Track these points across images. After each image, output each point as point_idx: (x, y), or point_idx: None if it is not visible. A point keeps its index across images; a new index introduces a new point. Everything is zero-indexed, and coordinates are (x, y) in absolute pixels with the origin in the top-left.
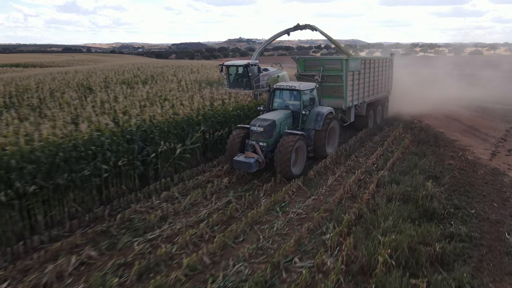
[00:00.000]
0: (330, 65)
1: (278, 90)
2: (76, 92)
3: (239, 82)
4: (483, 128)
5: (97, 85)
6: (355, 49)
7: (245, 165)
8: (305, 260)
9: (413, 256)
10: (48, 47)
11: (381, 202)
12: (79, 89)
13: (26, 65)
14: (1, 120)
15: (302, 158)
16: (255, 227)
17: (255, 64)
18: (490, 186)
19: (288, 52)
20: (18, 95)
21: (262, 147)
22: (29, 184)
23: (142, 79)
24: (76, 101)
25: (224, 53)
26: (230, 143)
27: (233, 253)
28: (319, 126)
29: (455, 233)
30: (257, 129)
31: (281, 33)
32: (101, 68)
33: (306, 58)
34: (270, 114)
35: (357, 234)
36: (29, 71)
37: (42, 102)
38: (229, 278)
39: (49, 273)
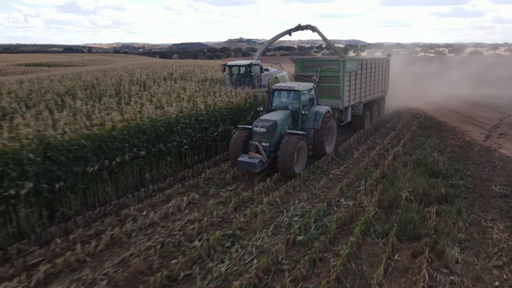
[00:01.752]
0: (328, 66)
1: (277, 90)
2: (136, 86)
3: (241, 82)
4: (480, 118)
5: (146, 81)
6: (355, 49)
7: (249, 166)
8: (348, 200)
9: (425, 196)
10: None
11: (399, 166)
12: (134, 84)
13: (48, 65)
14: (107, 103)
15: (303, 157)
16: (306, 182)
17: (257, 64)
18: (483, 158)
19: (290, 52)
20: (92, 88)
21: (265, 147)
22: (141, 150)
23: (177, 76)
24: (143, 92)
25: (226, 53)
26: (233, 144)
27: (295, 197)
28: (318, 125)
29: (455, 184)
30: (260, 129)
31: (283, 34)
32: (123, 67)
33: (304, 59)
34: (271, 115)
35: (384, 184)
36: (58, 70)
37: (117, 93)
38: (297, 210)
39: (172, 206)
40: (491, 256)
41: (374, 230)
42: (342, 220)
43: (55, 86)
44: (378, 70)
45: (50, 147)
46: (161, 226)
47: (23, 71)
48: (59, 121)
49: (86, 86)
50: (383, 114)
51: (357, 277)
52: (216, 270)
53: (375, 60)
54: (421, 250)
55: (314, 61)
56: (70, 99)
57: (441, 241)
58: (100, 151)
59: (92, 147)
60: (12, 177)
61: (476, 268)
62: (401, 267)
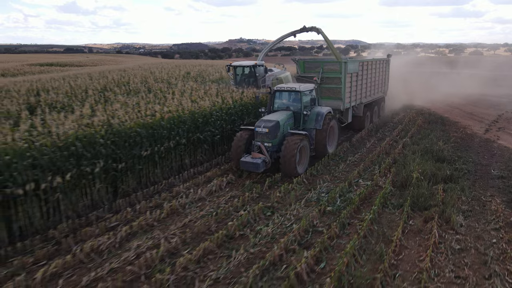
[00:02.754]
0: (329, 67)
1: (279, 91)
2: (162, 83)
3: (245, 82)
4: (480, 114)
5: (169, 79)
6: (356, 49)
7: (252, 166)
8: (366, 181)
9: (433, 176)
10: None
11: (408, 153)
12: (159, 82)
13: (60, 64)
14: (147, 98)
15: (305, 157)
16: (327, 167)
17: (261, 65)
18: (483, 147)
19: (291, 53)
20: (125, 85)
21: (268, 147)
22: (182, 138)
23: (194, 75)
24: (172, 89)
25: (228, 53)
26: (235, 144)
27: (319, 178)
28: (320, 126)
29: (459, 168)
30: (262, 130)
31: (288, 35)
32: (137, 66)
33: (306, 60)
34: (273, 115)
35: (397, 168)
36: (73, 69)
37: (149, 90)
38: (322, 189)
39: (214, 185)
40: (490, 222)
41: (391, 203)
42: (363, 195)
43: (89, 84)
44: (378, 71)
45: (114, 133)
46: (208, 200)
47: (38, 70)
48: (117, 112)
49: (117, 83)
50: (383, 115)
51: (380, 236)
52: (264, 231)
53: (375, 61)
54: (431, 217)
55: (316, 62)
56: (110, 94)
57: (448, 210)
58: (152, 138)
59: (146, 134)
60: (88, 157)
61: (477, 230)
62: (415, 229)
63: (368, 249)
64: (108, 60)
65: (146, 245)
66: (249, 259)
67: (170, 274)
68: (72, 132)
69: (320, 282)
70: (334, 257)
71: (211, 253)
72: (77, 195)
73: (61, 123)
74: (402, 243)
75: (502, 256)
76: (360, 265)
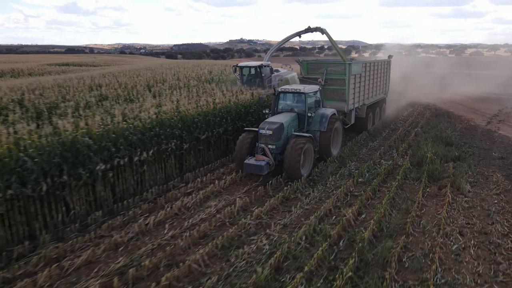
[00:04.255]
0: (333, 68)
1: (283, 93)
2: (191, 81)
3: (252, 82)
4: (482, 109)
5: (199, 77)
6: (357, 50)
7: (256, 168)
8: (387, 161)
9: (444, 156)
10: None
11: (421, 139)
12: (188, 79)
13: (74, 64)
14: (191, 92)
15: (310, 160)
16: (352, 151)
17: (267, 66)
18: (485, 136)
19: (292, 53)
20: (163, 82)
21: (271, 149)
22: (229, 126)
23: (215, 74)
24: (203, 85)
25: (230, 53)
26: (239, 146)
27: (347, 159)
28: (324, 128)
29: (465, 151)
30: (266, 132)
31: (293, 35)
32: (158, 65)
33: (310, 61)
34: (277, 117)
35: (412, 150)
36: (92, 69)
37: (185, 86)
38: (351, 166)
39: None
40: (492, 189)
41: (410, 176)
42: (386, 170)
43: (130, 81)
44: (380, 72)
45: (181, 119)
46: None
47: (61, 70)
48: (179, 102)
49: (156, 81)
50: (385, 116)
51: (405, 198)
52: (311, 195)
53: (378, 62)
54: (444, 185)
55: (320, 64)
56: (158, 89)
57: (458, 180)
58: (207, 124)
59: (203, 121)
60: (164, 137)
61: (482, 195)
62: (432, 194)
63: (396, 206)
64: (117, 61)
65: (221, 204)
66: (305, 212)
67: (250, 220)
68: (154, 118)
69: (364, 226)
70: (371, 211)
71: (275, 209)
72: (156, 168)
73: (142, 110)
74: (423, 203)
75: (502, 211)
76: (392, 217)
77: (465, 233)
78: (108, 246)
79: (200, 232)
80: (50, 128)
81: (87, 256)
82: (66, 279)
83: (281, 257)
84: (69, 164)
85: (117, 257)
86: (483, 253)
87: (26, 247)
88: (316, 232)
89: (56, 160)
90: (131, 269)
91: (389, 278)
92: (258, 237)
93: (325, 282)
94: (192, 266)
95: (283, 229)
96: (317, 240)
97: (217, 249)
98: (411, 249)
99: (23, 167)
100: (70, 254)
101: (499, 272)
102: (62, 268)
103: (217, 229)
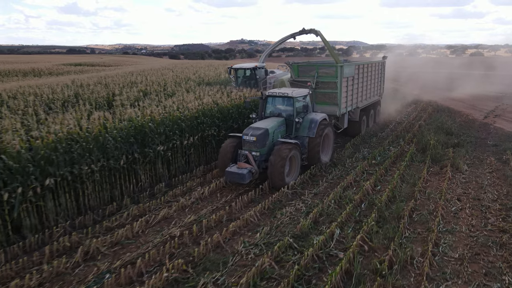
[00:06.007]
0: (325, 70)
1: (271, 97)
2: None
3: (246, 84)
4: (480, 105)
5: (219, 76)
6: (358, 50)
7: (237, 177)
8: (395, 147)
9: (445, 143)
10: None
11: (425, 130)
12: (207, 80)
13: (87, 64)
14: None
15: (296, 167)
16: (364, 140)
17: (262, 67)
18: (482, 128)
19: (293, 53)
20: (187, 81)
21: (255, 156)
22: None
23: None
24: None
25: (232, 54)
26: (222, 153)
27: (361, 146)
28: (313, 134)
29: (464, 139)
30: (250, 138)
31: (288, 37)
32: (171, 65)
33: (300, 63)
34: (263, 122)
35: (417, 138)
36: (107, 70)
37: (208, 83)
38: (365, 152)
39: None
40: (485, 169)
41: (416, 159)
42: (395, 154)
43: (158, 79)
44: (374, 73)
45: (219, 110)
46: None
47: (79, 70)
48: (215, 96)
49: (180, 78)
50: (379, 119)
51: (412, 175)
52: (334, 173)
53: (371, 63)
54: (445, 165)
55: (311, 66)
56: (186, 86)
57: (457, 161)
58: (239, 114)
59: (236, 111)
60: (206, 125)
61: (477, 173)
62: (435, 172)
63: (405, 181)
64: (125, 61)
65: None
66: (330, 185)
67: (287, 190)
68: (199, 108)
69: (380, 194)
70: (384, 184)
71: (305, 183)
72: (200, 151)
73: (187, 102)
74: (427, 178)
75: (493, 184)
76: (402, 188)
77: (462, 199)
78: (177, 207)
79: (248, 197)
80: (119, 116)
81: (164, 214)
82: (152, 228)
83: (317, 214)
84: (139, 144)
85: (186, 215)
86: (476, 212)
87: (114, 207)
88: (342, 198)
89: (131, 140)
90: (204, 220)
91: (402, 227)
92: (295, 201)
93: (353, 229)
94: (249, 219)
95: (315, 196)
96: (343, 203)
97: (264, 209)
98: (419, 209)
99: (108, 145)
100: (149, 213)
101: (488, 224)
102: (147, 221)
103: (260, 196)
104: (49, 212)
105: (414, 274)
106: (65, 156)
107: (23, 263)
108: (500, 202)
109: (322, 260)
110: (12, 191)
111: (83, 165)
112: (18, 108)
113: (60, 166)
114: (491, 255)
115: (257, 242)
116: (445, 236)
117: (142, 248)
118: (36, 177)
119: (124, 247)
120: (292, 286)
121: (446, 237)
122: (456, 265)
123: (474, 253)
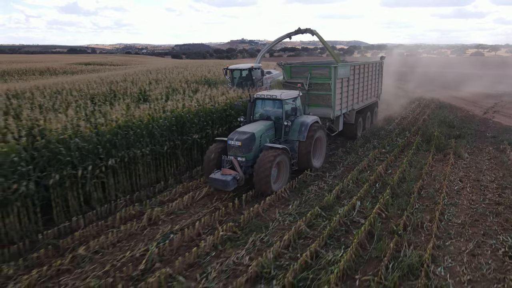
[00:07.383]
0: (318, 71)
1: (259, 99)
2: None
3: (243, 85)
4: (480, 102)
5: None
6: (360, 50)
7: (221, 183)
8: (401, 139)
9: (448, 135)
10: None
11: (429, 123)
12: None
13: (95, 64)
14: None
15: (284, 173)
16: (373, 132)
17: (258, 68)
18: (482, 122)
19: (294, 53)
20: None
21: (241, 162)
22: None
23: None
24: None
25: (233, 53)
26: (207, 158)
27: (370, 137)
28: (303, 137)
29: (464, 131)
30: (235, 143)
31: (283, 37)
32: (182, 64)
33: (293, 64)
34: (250, 126)
35: (422, 130)
36: (119, 69)
37: (223, 82)
38: (375, 143)
39: None
40: (484, 156)
41: (422, 148)
42: (403, 144)
43: (177, 77)
44: (371, 74)
45: (230, 106)
46: None
47: (91, 69)
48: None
49: (197, 76)
50: (377, 121)
51: (418, 161)
52: (348, 159)
53: (368, 64)
54: (448, 153)
55: (304, 67)
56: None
57: (458, 150)
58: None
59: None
60: (232, 117)
61: (477, 160)
62: (439, 159)
63: (413, 165)
64: (131, 61)
65: None
66: (347, 168)
67: (310, 172)
68: (227, 102)
69: (391, 176)
70: (395, 168)
71: (324, 167)
72: None
73: (213, 96)
74: (432, 164)
75: (491, 169)
76: (410, 171)
77: (463, 180)
78: None
79: None
80: (159, 108)
81: (206, 192)
82: (198, 203)
83: (338, 191)
84: (179, 133)
85: (226, 193)
86: (476, 190)
87: (162, 185)
88: (359, 179)
89: (173, 129)
90: (243, 194)
91: (412, 200)
92: (318, 182)
93: (371, 202)
94: (280, 195)
95: (334, 178)
96: (360, 182)
97: (292, 187)
98: (426, 188)
99: (156, 132)
100: (192, 191)
101: (486, 199)
102: (193, 197)
103: None
104: (111, 188)
105: (424, 235)
106: (123, 140)
107: (101, 226)
108: (497, 183)
109: (347, 225)
110: (84, 169)
111: (136, 148)
112: (70, 101)
113: (119, 149)
114: (488, 221)
115: (290, 212)
116: (449, 207)
117: (194, 217)
118: (102, 157)
119: (178, 216)
120: (325, 242)
121: (450, 208)
122: (459, 228)
123: (474, 219)
